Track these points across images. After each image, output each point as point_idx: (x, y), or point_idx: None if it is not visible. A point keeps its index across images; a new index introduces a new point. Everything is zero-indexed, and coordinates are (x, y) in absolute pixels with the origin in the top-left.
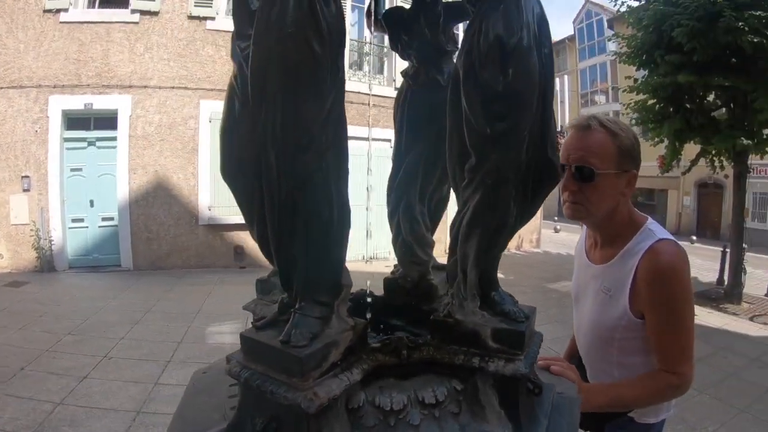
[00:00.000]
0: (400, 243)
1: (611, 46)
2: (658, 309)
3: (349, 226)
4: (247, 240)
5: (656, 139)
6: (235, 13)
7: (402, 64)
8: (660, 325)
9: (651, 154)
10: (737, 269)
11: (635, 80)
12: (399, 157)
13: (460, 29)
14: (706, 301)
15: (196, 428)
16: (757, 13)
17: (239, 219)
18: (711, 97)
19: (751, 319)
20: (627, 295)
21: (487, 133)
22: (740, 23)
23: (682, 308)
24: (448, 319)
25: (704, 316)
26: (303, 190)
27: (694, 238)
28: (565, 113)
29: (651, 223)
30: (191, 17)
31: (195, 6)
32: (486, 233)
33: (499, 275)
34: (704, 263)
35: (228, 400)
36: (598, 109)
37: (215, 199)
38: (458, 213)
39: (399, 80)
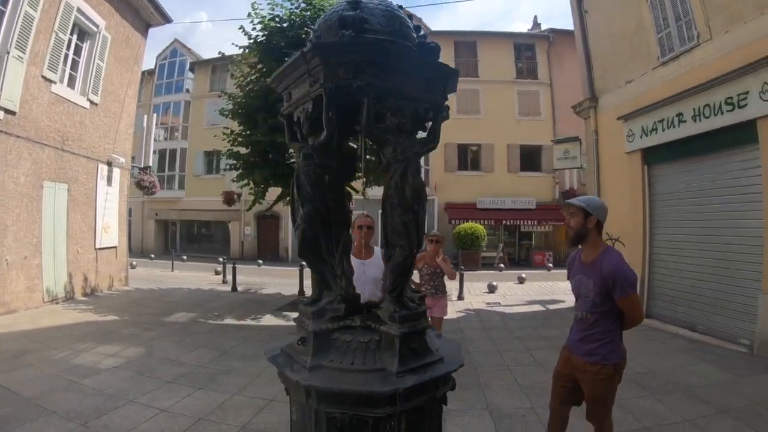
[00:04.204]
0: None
1: (190, 86)
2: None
3: None
4: None
5: (244, 182)
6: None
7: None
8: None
9: (214, 190)
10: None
11: (232, 131)
12: None
13: None
14: (298, 308)
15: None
16: None
17: None
18: (292, 151)
19: None
20: None
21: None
22: None
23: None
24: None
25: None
26: None
27: (261, 261)
28: (150, 146)
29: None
30: None
31: None
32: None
33: (114, 318)
34: (284, 281)
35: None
36: (168, 144)
37: None
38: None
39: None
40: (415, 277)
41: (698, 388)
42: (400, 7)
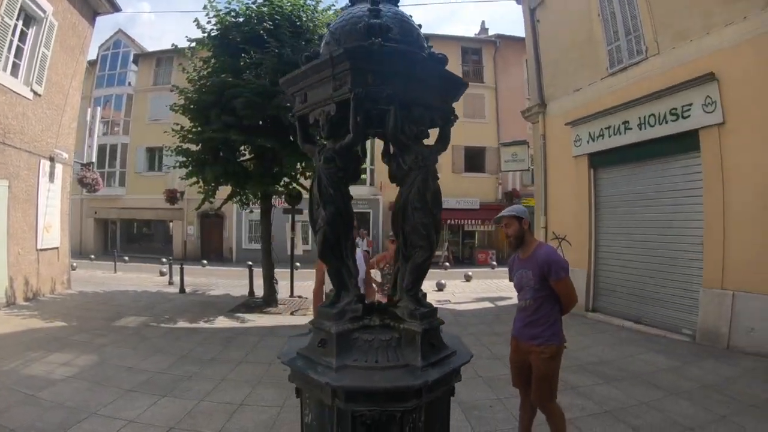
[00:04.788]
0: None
1: (133, 79)
2: None
3: None
4: None
5: (193, 180)
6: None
7: None
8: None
9: (156, 188)
10: (270, 282)
11: (182, 127)
12: None
13: None
14: (250, 309)
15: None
16: None
17: None
18: (243, 149)
19: (291, 313)
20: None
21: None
22: (288, 104)
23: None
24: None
25: (258, 320)
26: None
27: (205, 262)
28: (93, 141)
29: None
30: None
31: None
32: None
33: (62, 324)
34: (231, 281)
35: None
36: (108, 139)
37: None
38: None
39: None
40: (377, 276)
41: (649, 374)
42: (411, 16)
